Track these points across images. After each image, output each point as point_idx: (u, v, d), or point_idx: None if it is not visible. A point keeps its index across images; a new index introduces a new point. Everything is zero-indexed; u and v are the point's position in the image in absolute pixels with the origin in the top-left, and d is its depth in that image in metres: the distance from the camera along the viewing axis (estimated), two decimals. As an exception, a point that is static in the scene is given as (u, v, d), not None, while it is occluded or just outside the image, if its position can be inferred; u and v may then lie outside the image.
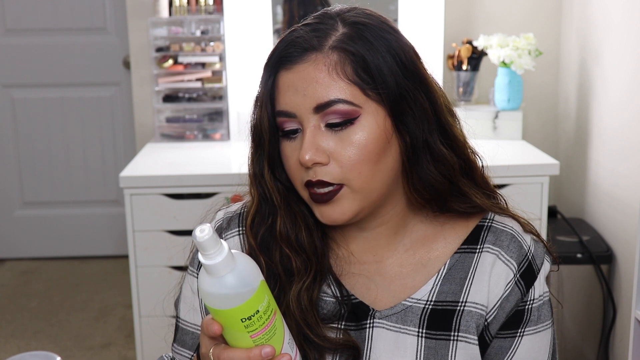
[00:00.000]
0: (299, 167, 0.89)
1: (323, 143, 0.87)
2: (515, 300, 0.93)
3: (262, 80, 0.92)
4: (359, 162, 0.87)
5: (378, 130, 0.87)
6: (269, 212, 0.94)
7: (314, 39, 0.88)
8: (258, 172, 0.94)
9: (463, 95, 2.61)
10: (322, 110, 0.86)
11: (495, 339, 0.94)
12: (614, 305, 2.28)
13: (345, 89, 0.86)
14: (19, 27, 3.44)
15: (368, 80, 0.86)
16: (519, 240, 0.95)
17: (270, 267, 0.94)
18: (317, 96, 0.86)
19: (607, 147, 2.34)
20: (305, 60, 0.87)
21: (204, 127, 2.66)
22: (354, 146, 0.86)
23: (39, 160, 3.57)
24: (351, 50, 0.87)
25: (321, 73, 0.86)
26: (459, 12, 2.70)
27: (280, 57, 0.89)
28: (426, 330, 0.92)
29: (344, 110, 0.86)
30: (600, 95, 2.40)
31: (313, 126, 0.87)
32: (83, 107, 3.52)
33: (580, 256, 2.29)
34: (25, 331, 2.95)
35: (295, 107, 0.87)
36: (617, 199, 2.26)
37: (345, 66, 0.86)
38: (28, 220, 3.64)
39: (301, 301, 0.92)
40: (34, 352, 1.01)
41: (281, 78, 0.89)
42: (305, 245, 0.93)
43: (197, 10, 2.64)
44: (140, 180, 2.19)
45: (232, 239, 0.99)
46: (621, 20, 2.23)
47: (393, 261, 0.96)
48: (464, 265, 0.94)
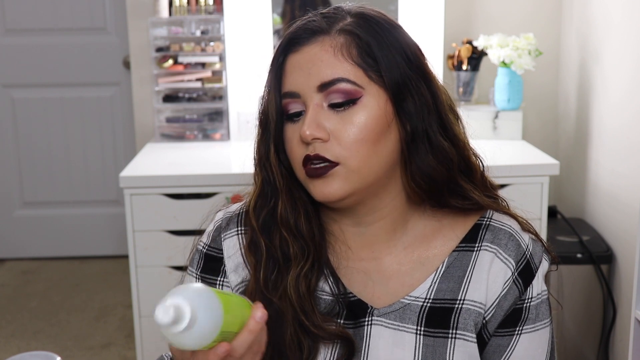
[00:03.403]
0: (300, 146, 0.90)
1: (324, 121, 0.89)
2: (513, 299, 0.93)
3: (271, 65, 0.94)
4: (358, 141, 0.88)
5: (379, 111, 0.89)
6: (271, 195, 0.95)
7: (323, 23, 0.91)
8: (264, 155, 0.95)
9: (463, 95, 2.61)
10: (326, 88, 0.88)
11: (493, 337, 0.94)
12: (614, 305, 2.28)
13: (350, 69, 0.88)
14: (19, 27, 3.44)
15: (372, 63, 0.89)
16: (517, 239, 0.95)
17: (270, 250, 0.95)
18: (322, 75, 0.88)
19: (607, 147, 2.34)
20: (313, 42, 0.90)
21: (204, 127, 2.66)
22: (354, 126, 0.88)
23: (39, 160, 3.57)
24: (357, 33, 0.89)
25: (326, 53, 0.89)
26: (459, 12, 2.70)
27: (290, 40, 0.92)
28: (424, 327, 0.93)
29: (346, 89, 0.88)
30: (600, 95, 2.40)
31: (316, 104, 0.89)
32: (83, 107, 3.52)
33: (580, 256, 2.29)
34: (25, 331, 2.95)
35: (299, 86, 0.90)
36: (617, 199, 2.26)
37: (350, 48, 0.89)
38: (28, 220, 3.64)
39: (299, 287, 0.92)
40: (34, 352, 1.01)
41: (289, 60, 0.92)
42: (304, 231, 0.94)
43: (197, 10, 2.64)
44: (140, 180, 2.19)
45: (231, 239, 1.00)
46: (621, 20, 2.23)
47: (391, 259, 0.96)
48: (462, 264, 0.95)
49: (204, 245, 1.02)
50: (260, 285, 0.94)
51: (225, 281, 1.00)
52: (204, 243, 1.02)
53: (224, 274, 1.00)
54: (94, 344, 2.85)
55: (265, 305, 0.90)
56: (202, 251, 1.02)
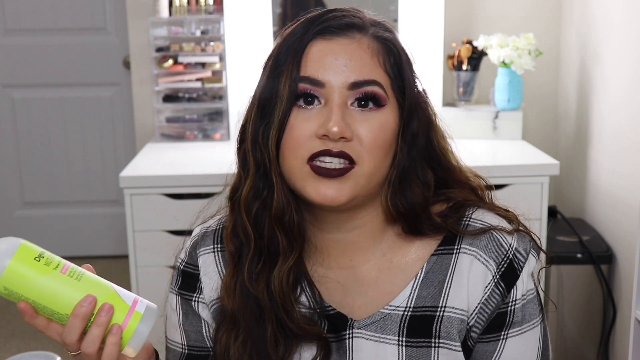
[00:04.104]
0: (311, 139, 0.86)
1: (350, 120, 0.86)
2: (496, 303, 0.90)
3: (289, 45, 0.88)
4: (377, 145, 0.87)
5: (393, 125, 0.89)
6: (264, 185, 0.89)
7: (358, 21, 0.90)
8: (262, 142, 0.88)
9: (463, 95, 2.60)
10: (359, 87, 0.87)
11: (478, 343, 0.91)
12: (614, 305, 2.28)
13: (382, 76, 0.88)
14: (19, 27, 3.44)
15: (399, 78, 0.89)
16: (497, 239, 0.90)
17: (258, 242, 0.90)
18: (359, 73, 0.87)
19: (607, 147, 2.34)
20: (349, 37, 0.88)
21: (204, 127, 2.66)
22: (376, 129, 0.87)
23: (39, 160, 3.56)
24: (391, 45, 0.90)
25: (366, 54, 0.88)
26: (459, 12, 2.70)
27: (320, 25, 0.88)
28: (406, 338, 0.90)
29: (378, 93, 0.87)
30: (600, 95, 2.40)
31: (342, 102, 0.86)
32: (83, 107, 3.51)
33: (580, 256, 2.29)
34: (25, 331, 2.96)
35: (329, 77, 0.86)
36: (617, 199, 2.26)
37: (385, 57, 0.89)
38: (28, 220, 3.64)
39: (283, 283, 0.90)
40: (34, 352, 1.02)
41: (316, 45, 0.88)
42: (294, 226, 0.90)
43: (197, 10, 2.64)
44: (140, 180, 2.19)
45: (207, 256, 0.98)
46: (621, 20, 2.23)
47: (370, 266, 0.93)
48: (441, 268, 0.91)
49: (181, 261, 1.00)
50: (244, 279, 0.91)
51: (201, 297, 0.97)
52: (181, 259, 1.01)
53: (200, 290, 0.98)
54: (94, 344, 2.85)
55: (245, 300, 0.90)
56: (180, 268, 1.00)
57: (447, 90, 2.67)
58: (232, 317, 0.92)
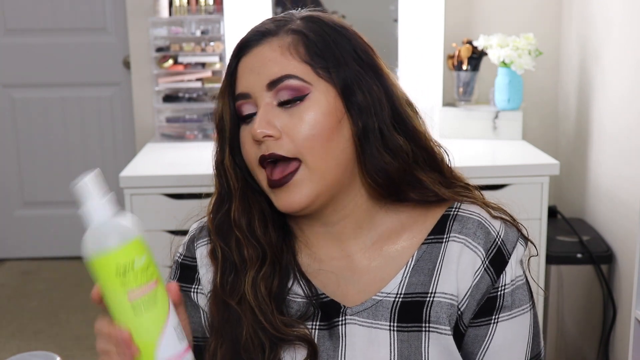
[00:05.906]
0: (253, 146, 0.91)
1: (275, 119, 0.89)
2: (486, 287, 0.92)
3: (226, 71, 0.96)
4: (311, 137, 0.88)
5: (329, 107, 0.90)
6: (226, 198, 0.97)
7: (272, 26, 0.93)
8: (219, 160, 0.96)
9: (463, 95, 2.61)
10: (274, 86, 0.89)
11: (469, 328, 0.93)
12: (614, 305, 2.28)
13: (297, 66, 0.90)
14: (19, 27, 3.44)
15: (320, 60, 0.91)
16: (486, 227, 0.94)
17: (226, 252, 0.96)
18: (270, 73, 0.90)
19: (607, 147, 2.34)
20: (262, 44, 0.92)
21: (204, 127, 2.66)
22: (304, 122, 0.89)
23: (39, 160, 3.57)
24: (305, 33, 0.92)
25: (274, 52, 0.91)
26: (459, 12, 2.70)
27: (241, 44, 0.94)
28: (397, 323, 0.92)
29: (294, 85, 0.89)
30: (600, 95, 2.40)
31: (266, 103, 0.90)
32: (83, 107, 3.52)
33: (580, 256, 2.29)
34: (26, 331, 2.95)
35: (249, 87, 0.91)
36: (617, 199, 2.26)
37: (298, 47, 0.91)
38: (28, 220, 3.64)
39: (257, 290, 0.93)
40: (34, 352, 1.01)
41: (241, 64, 0.93)
42: (259, 234, 0.95)
43: (197, 10, 2.64)
44: (140, 180, 2.19)
45: (204, 247, 1.01)
46: (621, 20, 2.24)
47: (361, 255, 0.96)
48: (431, 256, 0.94)
49: (180, 255, 1.05)
50: (217, 288, 0.95)
51: (200, 288, 1.01)
52: (180, 253, 1.05)
53: (198, 282, 1.01)
54: (94, 344, 2.84)
55: (222, 309, 0.93)
56: (178, 261, 1.04)
57: (447, 90, 2.67)
58: (217, 325, 0.96)
